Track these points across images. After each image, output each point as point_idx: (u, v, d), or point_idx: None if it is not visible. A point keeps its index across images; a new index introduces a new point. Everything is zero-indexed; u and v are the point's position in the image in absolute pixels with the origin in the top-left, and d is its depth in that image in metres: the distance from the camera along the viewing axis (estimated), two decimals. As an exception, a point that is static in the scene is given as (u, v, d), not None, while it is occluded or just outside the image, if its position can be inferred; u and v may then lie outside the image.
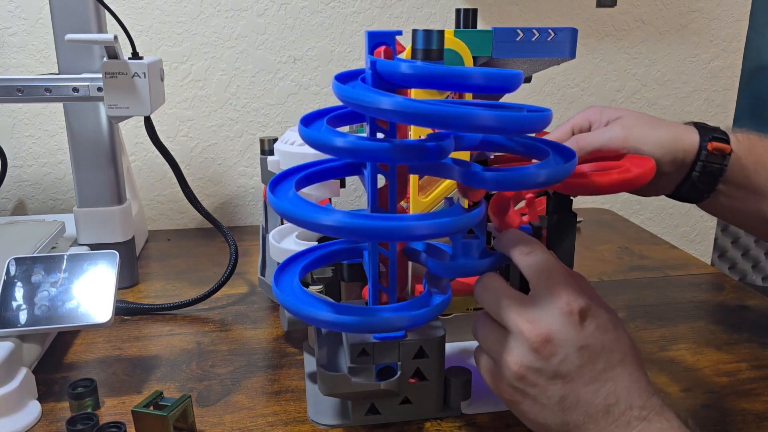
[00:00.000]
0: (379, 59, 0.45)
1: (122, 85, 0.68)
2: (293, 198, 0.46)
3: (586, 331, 0.44)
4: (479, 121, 0.41)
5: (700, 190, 0.59)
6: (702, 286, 0.85)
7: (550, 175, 0.45)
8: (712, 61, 1.22)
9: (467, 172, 0.47)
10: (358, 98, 0.42)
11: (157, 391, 0.53)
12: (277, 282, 0.51)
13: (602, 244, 0.99)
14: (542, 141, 0.52)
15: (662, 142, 0.57)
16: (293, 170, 0.52)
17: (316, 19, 1.05)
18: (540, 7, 1.12)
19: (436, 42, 0.47)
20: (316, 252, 0.55)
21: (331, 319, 0.46)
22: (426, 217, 0.44)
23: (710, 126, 0.60)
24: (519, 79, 0.43)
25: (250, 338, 0.69)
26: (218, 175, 1.09)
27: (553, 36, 0.55)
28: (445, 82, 0.43)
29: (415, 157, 0.44)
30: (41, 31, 0.98)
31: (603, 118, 0.60)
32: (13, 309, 0.56)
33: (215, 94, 1.05)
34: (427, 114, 0.40)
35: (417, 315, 0.48)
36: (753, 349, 0.68)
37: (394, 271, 0.51)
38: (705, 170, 0.57)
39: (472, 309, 0.64)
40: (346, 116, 0.52)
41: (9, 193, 1.04)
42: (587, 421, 0.43)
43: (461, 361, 0.63)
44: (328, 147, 0.44)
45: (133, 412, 0.51)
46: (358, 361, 0.51)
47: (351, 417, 0.54)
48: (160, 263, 0.91)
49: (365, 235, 0.43)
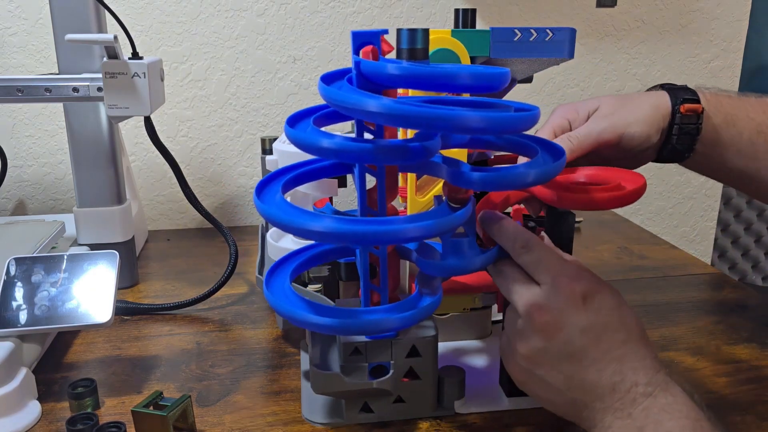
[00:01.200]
0: (363, 60, 0.44)
1: (122, 85, 0.68)
2: (280, 202, 0.46)
3: (589, 313, 0.45)
4: (465, 122, 0.40)
5: (679, 151, 0.60)
6: (702, 286, 0.85)
7: (539, 174, 0.45)
8: (713, 61, 1.22)
9: (455, 171, 0.46)
10: (342, 100, 0.42)
11: (157, 391, 0.53)
12: (267, 284, 0.50)
13: (602, 244, 0.99)
14: (531, 138, 0.52)
15: (646, 118, 0.58)
16: (279, 172, 0.51)
17: (316, 18, 1.05)
18: (540, 7, 1.12)
19: (421, 41, 0.47)
20: (307, 252, 0.54)
21: (317, 321, 0.46)
22: (413, 220, 0.44)
23: (678, 86, 0.61)
24: (506, 77, 0.43)
25: (249, 338, 0.69)
26: (218, 175, 1.09)
27: (552, 36, 0.55)
28: (431, 83, 0.43)
29: (399, 157, 0.44)
30: (41, 31, 0.98)
31: (581, 113, 0.60)
32: (13, 309, 0.56)
33: (215, 94, 1.05)
34: (411, 116, 0.40)
35: (404, 317, 0.47)
36: (753, 350, 0.68)
37: (385, 272, 0.51)
38: (682, 132, 0.59)
39: (468, 309, 0.64)
40: (332, 115, 0.51)
41: (9, 193, 1.04)
42: (593, 399, 0.45)
43: (456, 360, 0.63)
44: (314, 148, 0.44)
45: (133, 412, 0.51)
46: (351, 360, 0.51)
47: (344, 415, 0.54)
48: (160, 263, 0.91)
49: (352, 240, 0.43)
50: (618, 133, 0.57)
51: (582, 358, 0.45)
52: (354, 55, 0.46)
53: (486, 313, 0.67)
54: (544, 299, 0.46)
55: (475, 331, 0.67)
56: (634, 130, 0.58)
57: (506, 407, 0.56)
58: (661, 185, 1.28)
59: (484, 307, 0.66)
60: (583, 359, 0.45)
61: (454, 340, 0.66)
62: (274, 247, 0.66)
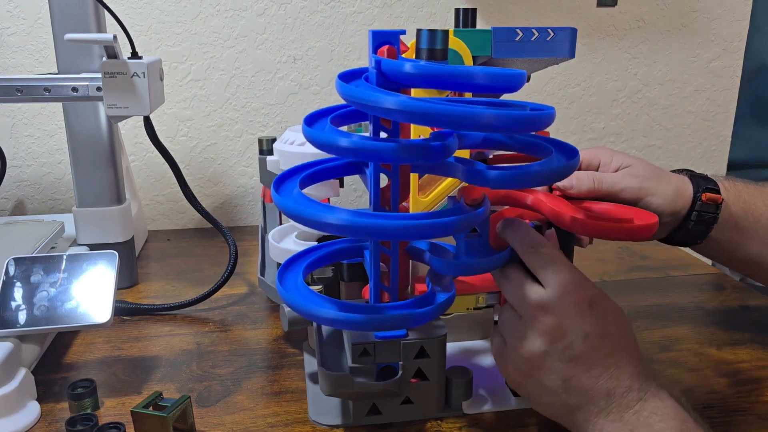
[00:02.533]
0: (383, 58, 0.45)
1: (121, 85, 0.67)
2: (297, 196, 0.46)
3: (593, 320, 0.46)
4: (485, 120, 0.41)
5: (693, 236, 0.62)
6: (703, 286, 0.85)
7: (553, 172, 0.45)
8: (713, 61, 1.22)
9: (471, 170, 0.46)
10: (363, 98, 0.42)
11: (157, 391, 0.53)
12: (281, 280, 0.51)
13: (603, 245, 0.99)
14: (544, 139, 0.52)
15: (667, 196, 0.60)
16: (297, 169, 0.52)
17: (316, 18, 1.04)
18: (540, 7, 1.12)
19: (441, 42, 0.47)
20: (319, 251, 0.55)
21: (335, 316, 0.46)
22: (430, 216, 0.44)
23: (699, 174, 0.64)
24: (522, 78, 0.43)
25: (250, 338, 0.69)
26: (218, 175, 1.08)
27: (553, 36, 0.55)
28: (449, 82, 0.43)
29: (420, 156, 0.44)
30: (40, 30, 0.97)
31: (613, 163, 0.62)
32: (12, 309, 0.56)
33: (215, 93, 1.05)
34: (433, 113, 0.40)
35: (422, 313, 0.48)
36: (754, 350, 0.67)
37: (396, 270, 0.51)
38: (700, 218, 0.61)
39: (472, 309, 0.64)
40: (349, 115, 0.52)
41: (8, 193, 1.03)
42: (588, 402, 0.46)
43: (460, 360, 0.63)
44: (333, 147, 0.44)
45: (132, 412, 0.51)
46: (360, 361, 0.51)
47: (352, 417, 0.54)
48: (160, 263, 0.91)
49: (370, 233, 0.43)
50: (639, 197, 0.60)
51: (582, 362, 0.46)
52: (373, 54, 0.46)
53: (489, 312, 0.67)
54: (551, 302, 0.46)
55: (478, 330, 0.67)
56: (655, 202, 0.60)
57: (513, 406, 0.56)
58: (662, 185, 1.28)
59: (488, 306, 0.66)
60: (583, 364, 0.46)
61: (458, 340, 0.66)
62: (276, 248, 0.66)
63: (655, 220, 0.54)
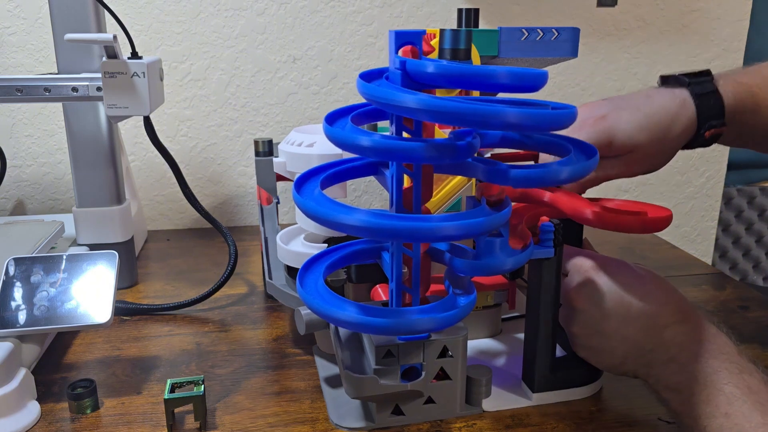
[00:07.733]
0: (408, 59, 0.44)
1: (121, 85, 0.67)
2: (318, 197, 0.46)
3: None
4: (510, 118, 0.40)
5: (701, 146, 0.63)
6: (703, 286, 0.85)
7: (572, 172, 0.45)
8: (713, 61, 1.22)
9: (492, 170, 0.46)
10: (386, 97, 0.42)
11: None
12: (302, 283, 0.50)
13: (603, 245, 0.98)
14: (563, 138, 0.52)
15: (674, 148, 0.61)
16: (318, 169, 0.51)
17: (316, 18, 1.04)
18: (541, 7, 1.12)
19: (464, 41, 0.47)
20: (338, 252, 0.54)
21: (360, 320, 0.46)
22: (455, 218, 0.43)
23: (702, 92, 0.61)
24: (544, 78, 0.42)
25: (249, 338, 0.69)
26: (218, 174, 1.08)
27: (557, 35, 0.55)
28: (472, 81, 0.42)
29: (446, 155, 0.43)
30: (40, 30, 0.97)
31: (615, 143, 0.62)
32: (12, 309, 0.56)
33: (215, 93, 1.05)
34: (459, 112, 0.40)
35: (446, 317, 0.47)
36: (754, 350, 0.67)
37: (417, 272, 0.51)
38: (705, 143, 0.63)
39: (481, 307, 0.65)
40: (369, 114, 0.51)
41: (8, 193, 1.03)
42: None
43: (478, 359, 0.63)
44: (354, 146, 0.44)
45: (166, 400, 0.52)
46: (384, 363, 0.51)
47: (375, 419, 0.53)
48: (160, 263, 0.91)
49: (394, 235, 0.43)
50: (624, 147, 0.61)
51: None
52: (395, 54, 0.45)
53: (497, 311, 0.67)
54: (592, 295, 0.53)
55: (487, 329, 0.67)
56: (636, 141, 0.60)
57: (533, 403, 0.56)
58: (662, 185, 1.28)
59: (496, 305, 0.66)
60: None
61: (471, 338, 0.66)
62: (284, 251, 0.66)
63: (668, 213, 0.55)
